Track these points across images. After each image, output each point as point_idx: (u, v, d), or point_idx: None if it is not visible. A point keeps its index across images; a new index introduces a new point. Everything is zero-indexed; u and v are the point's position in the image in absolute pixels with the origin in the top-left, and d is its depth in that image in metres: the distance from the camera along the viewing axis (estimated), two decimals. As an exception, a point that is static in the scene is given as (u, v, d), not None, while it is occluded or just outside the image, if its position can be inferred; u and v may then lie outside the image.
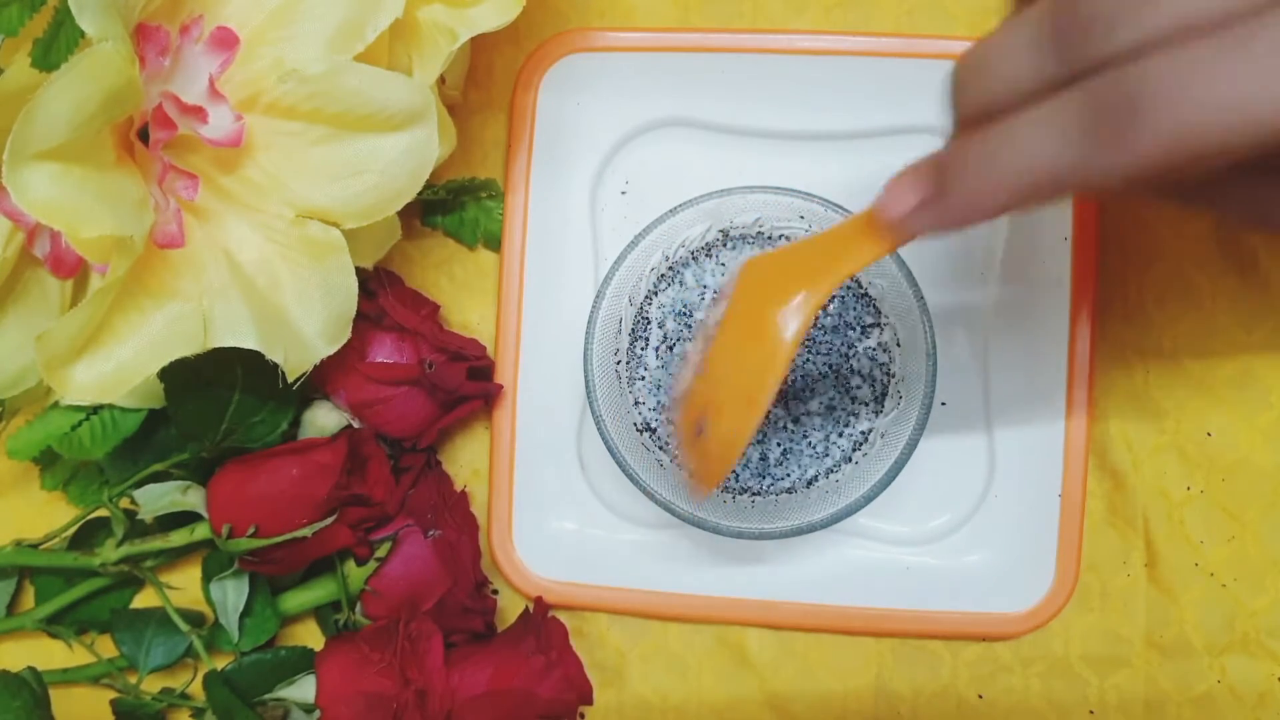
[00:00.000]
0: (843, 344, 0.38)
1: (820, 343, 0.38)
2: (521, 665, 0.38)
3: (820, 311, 0.39)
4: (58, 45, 0.30)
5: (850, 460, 0.39)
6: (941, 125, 0.26)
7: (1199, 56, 0.20)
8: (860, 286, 0.39)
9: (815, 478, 0.39)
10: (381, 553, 0.39)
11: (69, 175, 0.30)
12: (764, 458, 0.39)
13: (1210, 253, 0.42)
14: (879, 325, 0.39)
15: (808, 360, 0.38)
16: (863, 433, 0.39)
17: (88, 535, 0.41)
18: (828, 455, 0.39)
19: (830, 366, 0.39)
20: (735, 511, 0.38)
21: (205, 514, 0.38)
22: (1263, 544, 0.41)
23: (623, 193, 0.41)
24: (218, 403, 0.37)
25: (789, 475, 0.39)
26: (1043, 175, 0.23)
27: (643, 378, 0.39)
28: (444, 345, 0.39)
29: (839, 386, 0.39)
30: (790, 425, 0.39)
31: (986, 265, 0.42)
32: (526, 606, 0.41)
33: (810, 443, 0.39)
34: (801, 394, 0.38)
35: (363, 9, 0.33)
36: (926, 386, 0.36)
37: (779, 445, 0.39)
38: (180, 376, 0.35)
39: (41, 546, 0.41)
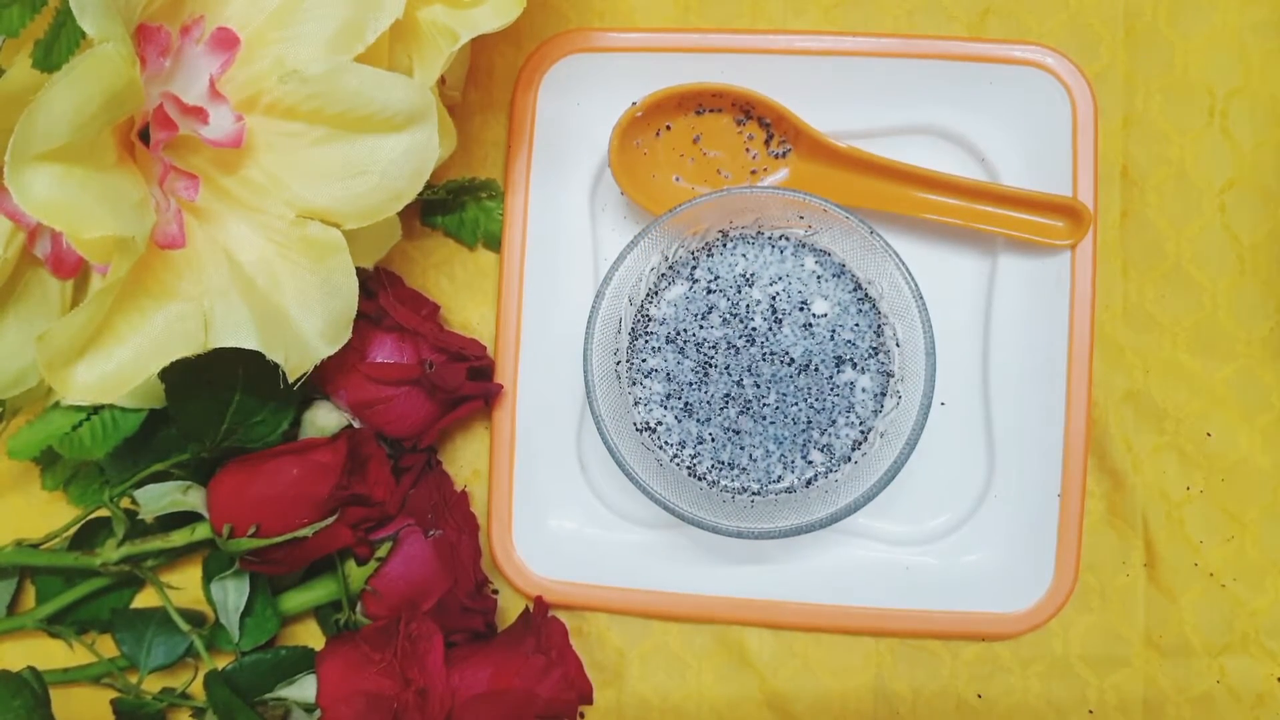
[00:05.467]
0: (842, 343, 0.38)
1: (820, 341, 0.38)
2: (521, 665, 0.38)
3: (818, 310, 0.39)
4: (59, 46, 0.30)
5: (850, 460, 0.39)
6: (941, 125, 0.26)
7: None
8: (860, 287, 0.39)
9: (814, 477, 0.39)
10: (382, 553, 0.39)
11: (70, 176, 0.30)
12: (760, 456, 0.39)
13: (1210, 253, 0.42)
14: (879, 325, 0.39)
15: (806, 359, 0.38)
16: (862, 432, 0.39)
17: (88, 535, 0.41)
18: (827, 455, 0.39)
19: (830, 366, 0.39)
20: (735, 511, 0.38)
21: (206, 514, 0.38)
22: (1262, 544, 0.41)
23: (622, 193, 0.41)
24: (218, 403, 0.37)
25: (788, 474, 0.39)
26: None
27: (643, 378, 0.39)
28: (444, 345, 0.39)
29: (838, 385, 0.39)
30: (789, 424, 0.39)
31: (986, 265, 0.42)
32: (526, 606, 0.41)
33: (809, 442, 0.39)
34: (801, 392, 0.38)
35: (363, 9, 0.33)
36: (926, 386, 0.36)
37: (777, 443, 0.39)
38: (181, 376, 0.35)
39: (42, 546, 0.41)
